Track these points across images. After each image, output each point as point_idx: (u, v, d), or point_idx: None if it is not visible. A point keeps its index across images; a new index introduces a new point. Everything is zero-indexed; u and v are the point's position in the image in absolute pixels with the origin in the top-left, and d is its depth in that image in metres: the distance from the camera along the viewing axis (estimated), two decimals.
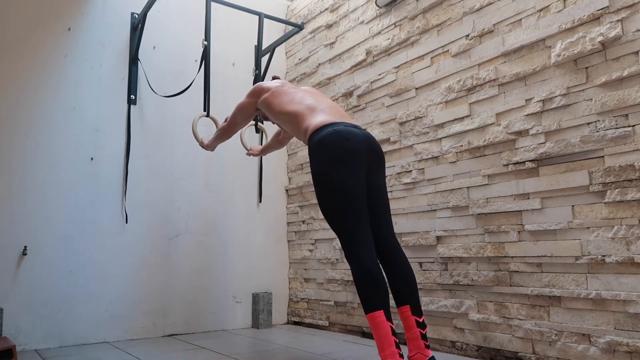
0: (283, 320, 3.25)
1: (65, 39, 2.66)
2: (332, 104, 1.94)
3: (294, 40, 3.42)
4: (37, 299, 2.42)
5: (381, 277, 1.61)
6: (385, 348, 1.53)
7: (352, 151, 1.69)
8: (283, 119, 1.94)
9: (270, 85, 2.06)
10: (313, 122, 1.79)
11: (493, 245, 2.09)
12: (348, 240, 1.65)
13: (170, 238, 2.85)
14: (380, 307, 1.57)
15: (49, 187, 2.52)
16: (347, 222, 1.65)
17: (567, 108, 1.88)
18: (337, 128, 1.72)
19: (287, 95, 1.96)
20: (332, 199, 1.68)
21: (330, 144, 1.69)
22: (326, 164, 1.68)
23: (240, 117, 2.19)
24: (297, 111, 1.87)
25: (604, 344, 1.71)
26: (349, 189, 1.66)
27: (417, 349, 1.66)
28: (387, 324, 1.55)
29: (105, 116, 2.73)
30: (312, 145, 1.74)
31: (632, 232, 1.67)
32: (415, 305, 1.71)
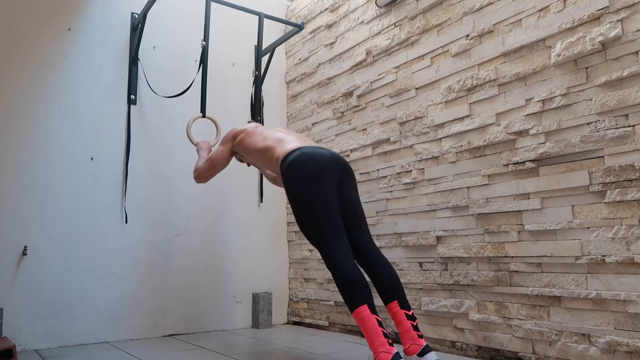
0: (283, 320, 3.25)
1: (65, 39, 2.66)
2: (300, 135, 2.14)
3: (294, 40, 3.42)
4: (37, 299, 2.42)
5: (361, 276, 1.70)
6: (374, 340, 1.58)
7: (320, 167, 1.84)
8: (257, 156, 2.12)
9: (245, 127, 2.28)
10: (282, 150, 1.96)
11: (493, 245, 2.09)
12: (326, 250, 1.76)
13: (170, 238, 2.85)
14: (364, 301, 1.64)
15: (49, 188, 2.52)
16: (323, 233, 1.77)
17: (567, 108, 1.88)
18: (304, 150, 1.89)
19: (258, 134, 2.16)
20: (307, 214, 1.80)
21: (299, 164, 1.85)
22: (298, 183, 1.83)
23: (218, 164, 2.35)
24: (268, 145, 2.05)
25: (604, 344, 1.71)
26: (321, 202, 1.80)
27: (411, 340, 1.71)
28: (373, 316, 1.62)
29: (105, 116, 2.73)
30: (284, 170, 1.90)
31: (632, 232, 1.67)
32: (402, 300, 1.80)
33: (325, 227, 1.78)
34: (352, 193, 1.96)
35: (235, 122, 3.19)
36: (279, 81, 3.47)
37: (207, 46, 2.63)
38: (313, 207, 1.79)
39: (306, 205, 1.81)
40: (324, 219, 1.78)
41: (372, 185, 2.70)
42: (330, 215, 1.79)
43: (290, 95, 3.44)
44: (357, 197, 1.98)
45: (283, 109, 3.46)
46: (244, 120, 3.22)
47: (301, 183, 1.82)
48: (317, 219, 1.78)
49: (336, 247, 1.75)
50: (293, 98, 3.41)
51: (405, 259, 2.47)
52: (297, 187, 1.83)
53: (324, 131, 3.09)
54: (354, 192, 1.98)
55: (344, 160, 1.97)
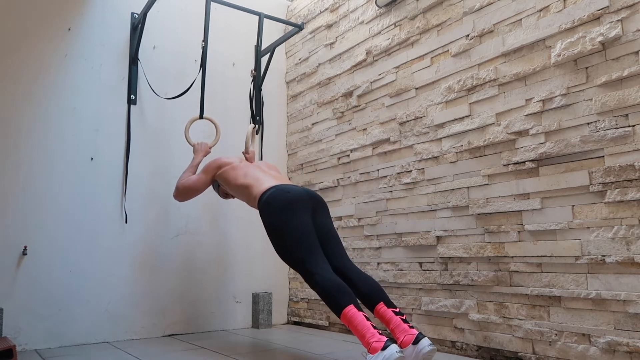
0: (283, 320, 3.25)
1: (65, 39, 2.66)
2: (279, 175, 2.33)
3: (294, 40, 3.42)
4: (37, 299, 2.42)
5: (341, 282, 1.79)
6: (365, 333, 1.63)
7: (293, 199, 1.99)
8: (237, 190, 2.28)
9: (231, 160, 2.42)
10: (260, 189, 2.11)
11: (493, 245, 2.09)
12: (304, 267, 1.86)
13: (170, 238, 2.85)
14: (347, 302, 1.71)
15: (49, 187, 2.52)
16: (300, 254, 1.88)
17: (567, 108, 1.88)
18: (279, 187, 2.06)
19: (241, 169, 2.30)
20: (284, 240, 1.93)
21: (274, 198, 2.00)
22: (273, 214, 1.97)
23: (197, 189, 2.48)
24: (248, 183, 2.20)
25: (604, 344, 1.71)
26: (295, 227, 1.93)
27: (403, 332, 1.75)
28: (360, 313, 1.68)
29: (105, 116, 2.72)
30: (261, 207, 2.04)
31: (632, 232, 1.67)
32: (387, 300, 1.87)
33: (301, 248, 1.89)
34: (326, 221, 2.09)
35: (235, 122, 3.19)
36: (279, 81, 3.47)
37: (207, 47, 2.62)
38: (287, 233, 1.92)
39: (281, 232, 1.94)
40: (299, 241, 1.90)
41: (372, 185, 2.70)
42: (304, 237, 1.91)
43: (290, 95, 3.44)
44: (332, 224, 2.12)
45: (283, 109, 3.46)
46: (244, 120, 3.22)
47: (276, 214, 1.96)
48: (293, 242, 1.91)
49: (313, 263, 1.85)
50: (293, 98, 3.41)
51: (405, 259, 2.47)
52: (272, 219, 1.97)
53: (324, 131, 3.09)
54: (328, 220, 2.11)
55: (317, 194, 2.13)
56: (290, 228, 1.93)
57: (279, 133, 3.42)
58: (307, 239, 1.92)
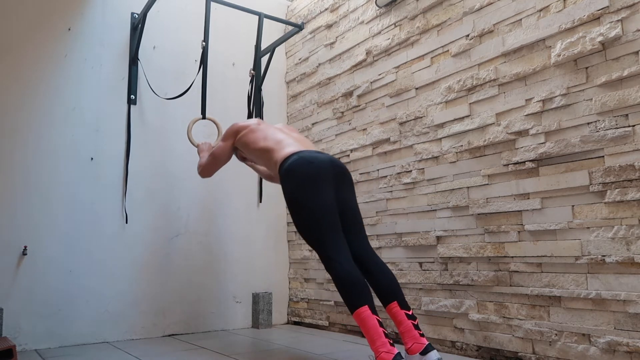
0: (283, 320, 3.25)
1: (65, 39, 2.66)
2: (301, 137, 2.16)
3: (294, 40, 3.42)
4: (37, 299, 2.42)
5: (361, 277, 1.71)
6: (376, 340, 1.58)
7: (317, 171, 1.86)
8: (257, 155, 2.13)
9: (248, 123, 2.26)
10: (281, 154, 1.98)
11: (493, 245, 2.09)
12: (324, 251, 1.77)
13: (170, 238, 2.85)
14: (364, 302, 1.64)
15: (49, 187, 2.52)
16: (321, 234, 1.79)
17: (567, 108, 1.88)
18: (302, 154, 1.91)
19: (260, 132, 2.16)
20: (305, 217, 1.82)
21: (297, 168, 1.87)
22: (295, 187, 1.85)
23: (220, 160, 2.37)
24: (268, 146, 2.06)
25: (604, 344, 1.71)
26: (318, 205, 1.81)
27: (413, 339, 1.71)
28: (373, 317, 1.62)
29: (105, 116, 2.73)
30: (282, 174, 1.92)
31: (632, 232, 1.67)
32: (401, 300, 1.80)
33: (322, 228, 1.79)
34: (349, 197, 1.97)
35: (235, 120, 3.18)
36: (279, 81, 3.47)
37: (207, 47, 2.62)
38: (310, 210, 1.81)
39: (303, 208, 1.83)
40: (321, 220, 1.80)
41: (372, 185, 2.70)
42: (327, 216, 1.81)
43: (290, 95, 3.44)
44: (355, 201, 1.99)
45: (283, 109, 3.46)
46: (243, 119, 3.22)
47: (298, 186, 1.85)
48: (314, 221, 1.80)
49: (334, 249, 1.77)
50: (293, 98, 3.41)
51: (405, 259, 2.47)
52: (294, 191, 1.85)
53: (324, 131, 3.09)
54: (352, 196, 1.99)
55: (342, 164, 1.99)
56: (312, 204, 1.81)
57: None
58: (329, 218, 1.81)
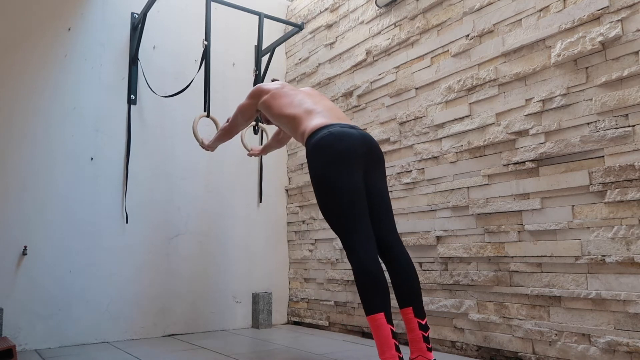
0: (283, 320, 3.25)
1: (65, 39, 2.66)
2: (331, 105, 1.95)
3: (294, 40, 3.42)
4: (37, 299, 2.42)
5: (382, 278, 1.61)
6: (385, 351, 1.53)
7: (348, 151, 1.70)
8: (282, 122, 1.96)
9: (270, 87, 2.06)
10: (310, 125, 1.81)
11: (493, 245, 2.09)
12: (348, 240, 1.66)
13: (170, 238, 2.85)
14: (381, 309, 1.57)
15: (49, 188, 2.52)
16: (346, 221, 1.66)
17: (567, 108, 1.88)
18: (333, 130, 1.74)
19: (286, 97, 1.98)
20: (330, 200, 1.69)
21: (326, 146, 1.71)
22: (323, 166, 1.70)
23: (241, 118, 2.20)
24: (295, 114, 1.89)
25: (604, 344, 1.71)
26: (346, 189, 1.67)
27: (419, 351, 1.66)
28: (388, 326, 1.56)
29: (105, 116, 2.73)
30: (309, 149, 1.77)
31: (632, 232, 1.67)
32: (418, 307, 1.70)
33: (349, 215, 1.66)
34: (379, 180, 1.82)
35: None
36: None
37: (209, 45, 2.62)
38: (337, 193, 1.67)
39: (330, 189, 1.68)
40: (349, 206, 1.67)
41: None
42: (355, 202, 1.67)
43: None
44: (386, 184, 1.84)
45: None
46: None
47: (326, 165, 1.69)
48: (341, 205, 1.67)
49: (359, 239, 1.64)
50: None
51: None
52: (321, 169, 1.70)
53: None
54: (382, 179, 1.84)
55: (375, 143, 1.82)
56: (340, 187, 1.67)
57: None
58: (358, 205, 1.68)
